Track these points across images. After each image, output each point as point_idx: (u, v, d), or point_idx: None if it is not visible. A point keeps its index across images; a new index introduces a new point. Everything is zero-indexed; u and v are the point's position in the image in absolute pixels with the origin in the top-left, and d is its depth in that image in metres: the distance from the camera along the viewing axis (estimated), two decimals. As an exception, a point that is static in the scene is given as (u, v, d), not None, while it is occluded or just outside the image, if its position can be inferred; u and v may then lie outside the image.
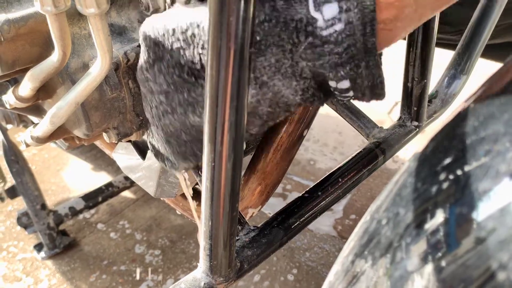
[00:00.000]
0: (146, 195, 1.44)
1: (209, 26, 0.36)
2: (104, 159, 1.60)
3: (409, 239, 0.27)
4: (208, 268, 0.52)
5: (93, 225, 1.36)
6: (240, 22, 0.35)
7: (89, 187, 1.42)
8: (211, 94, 0.39)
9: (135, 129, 0.64)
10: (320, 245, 1.28)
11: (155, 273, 1.21)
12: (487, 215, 0.24)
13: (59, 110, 0.53)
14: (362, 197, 1.42)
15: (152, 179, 0.69)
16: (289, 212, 0.63)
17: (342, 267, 0.33)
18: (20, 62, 0.54)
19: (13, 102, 0.58)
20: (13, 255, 1.27)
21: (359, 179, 0.71)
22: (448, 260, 0.26)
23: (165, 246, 1.28)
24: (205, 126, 0.42)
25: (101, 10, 0.44)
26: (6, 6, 0.51)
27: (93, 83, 0.51)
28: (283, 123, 0.66)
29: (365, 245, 0.31)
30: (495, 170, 0.25)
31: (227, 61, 0.37)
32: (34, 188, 1.20)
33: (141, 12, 0.60)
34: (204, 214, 0.48)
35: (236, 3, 0.34)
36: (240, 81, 0.38)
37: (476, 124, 0.27)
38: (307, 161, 1.56)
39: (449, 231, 0.26)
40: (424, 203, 0.28)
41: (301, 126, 0.66)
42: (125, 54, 0.56)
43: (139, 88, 0.60)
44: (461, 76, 0.82)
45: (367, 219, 0.32)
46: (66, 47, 0.49)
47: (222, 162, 0.43)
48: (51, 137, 0.61)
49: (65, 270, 1.23)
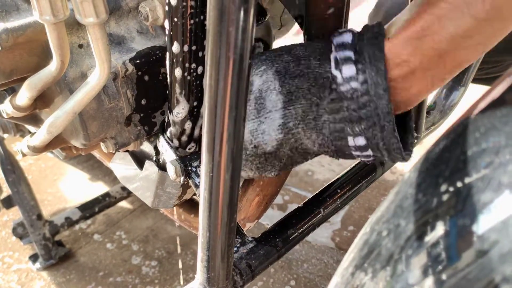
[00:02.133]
0: (143, 205, 1.43)
1: (208, 36, 0.36)
2: (101, 169, 1.60)
3: (410, 251, 0.27)
4: (205, 280, 0.52)
5: (90, 235, 1.35)
6: (240, 32, 0.35)
7: (86, 197, 1.41)
8: (209, 104, 0.39)
9: (132, 139, 0.63)
10: (318, 257, 1.27)
11: (152, 284, 1.20)
12: (488, 228, 0.24)
13: (57, 120, 0.53)
14: (360, 208, 1.41)
15: (149, 190, 0.69)
16: (287, 224, 0.63)
17: (342, 279, 0.32)
18: (18, 71, 0.53)
19: (10, 111, 0.58)
20: (8, 265, 1.26)
21: (358, 190, 0.71)
22: (449, 273, 0.25)
23: (162, 257, 1.27)
24: (203, 136, 0.41)
25: (100, 19, 0.44)
26: (4, 15, 0.51)
27: (91, 93, 0.50)
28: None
29: (366, 256, 0.30)
30: (496, 182, 0.24)
31: (226, 71, 0.37)
32: (30, 198, 1.19)
33: (140, 22, 0.60)
34: (202, 225, 0.48)
35: (236, 13, 0.34)
36: (239, 91, 0.38)
37: (477, 135, 0.27)
38: (304, 172, 1.56)
39: (450, 243, 0.26)
40: (425, 215, 0.28)
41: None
42: (123, 64, 0.56)
43: (137, 98, 0.60)
44: (459, 87, 0.82)
45: (367, 230, 0.32)
46: (64, 56, 0.49)
47: (220, 173, 0.43)
48: (48, 147, 0.61)
49: (61, 282, 1.21)
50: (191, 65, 0.52)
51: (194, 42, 0.50)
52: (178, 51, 0.51)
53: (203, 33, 0.50)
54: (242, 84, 0.38)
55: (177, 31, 0.49)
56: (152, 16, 0.55)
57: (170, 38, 0.50)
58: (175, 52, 0.51)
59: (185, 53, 0.51)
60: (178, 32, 0.49)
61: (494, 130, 0.26)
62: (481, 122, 0.27)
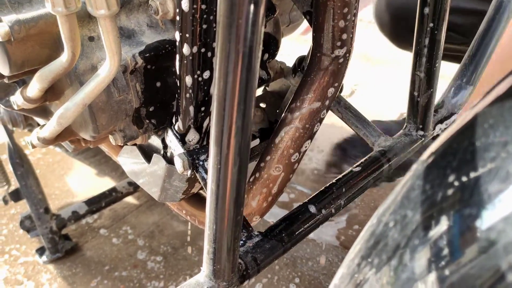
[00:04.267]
0: (149, 201, 1.44)
1: (218, 29, 0.36)
2: (108, 165, 1.60)
3: (416, 241, 0.27)
4: (211, 272, 0.52)
5: (96, 230, 1.36)
6: (250, 24, 0.35)
7: (93, 192, 1.42)
8: (218, 97, 0.39)
9: (141, 132, 0.64)
10: (323, 255, 1.27)
11: (157, 279, 1.21)
12: (495, 218, 0.24)
13: (67, 111, 0.53)
14: (366, 207, 1.41)
15: (156, 184, 0.69)
16: (293, 219, 0.63)
17: (347, 270, 0.32)
18: (29, 63, 0.54)
19: (21, 102, 0.58)
20: (15, 258, 1.27)
21: (364, 187, 0.71)
22: (452, 269, 0.25)
23: (167, 253, 1.28)
24: (212, 129, 0.42)
25: (111, 11, 0.44)
26: (17, 7, 0.51)
27: (101, 85, 0.51)
28: (288, 130, 0.66)
29: (372, 247, 0.30)
30: (504, 173, 0.24)
31: (235, 64, 0.37)
32: (38, 192, 1.20)
33: (150, 16, 0.60)
34: (209, 217, 0.48)
35: (246, 5, 0.34)
36: (248, 84, 0.38)
37: (486, 128, 0.27)
38: (311, 171, 1.56)
39: (453, 239, 0.26)
40: (431, 208, 0.28)
41: (306, 134, 0.66)
42: (133, 57, 0.57)
43: (146, 91, 0.61)
44: (467, 86, 0.82)
45: (373, 222, 0.32)
46: (75, 48, 0.49)
47: (228, 165, 0.43)
48: (57, 139, 0.61)
49: (67, 275, 1.22)
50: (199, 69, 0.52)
51: (204, 45, 0.51)
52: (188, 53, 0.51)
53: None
54: (252, 77, 0.38)
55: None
56: (162, 10, 0.55)
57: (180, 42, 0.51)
58: (186, 54, 0.51)
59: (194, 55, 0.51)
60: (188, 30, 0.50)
61: (502, 121, 0.26)
62: (490, 114, 0.27)
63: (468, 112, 0.30)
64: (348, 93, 1.94)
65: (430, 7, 0.67)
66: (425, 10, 0.68)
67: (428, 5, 0.68)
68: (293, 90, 0.79)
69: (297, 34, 1.07)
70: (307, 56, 0.74)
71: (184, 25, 0.50)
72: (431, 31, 0.69)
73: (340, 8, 0.57)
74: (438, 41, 0.70)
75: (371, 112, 0.46)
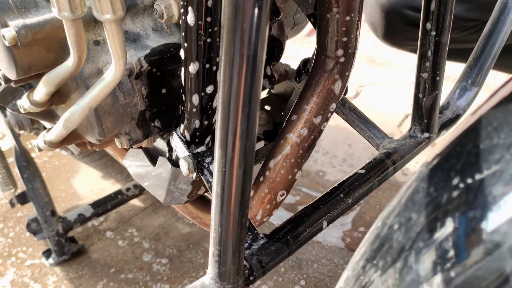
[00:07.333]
0: (154, 203, 1.45)
1: (223, 32, 0.36)
2: (114, 167, 1.61)
3: (421, 243, 0.27)
4: (216, 275, 0.52)
5: (102, 232, 1.36)
6: (254, 28, 0.35)
7: (99, 194, 1.42)
8: (223, 100, 0.39)
9: (146, 135, 0.64)
10: (328, 257, 1.27)
11: (162, 282, 1.21)
12: (500, 220, 0.24)
13: (73, 115, 0.54)
14: (371, 209, 1.41)
15: (161, 186, 0.69)
16: (299, 221, 0.63)
17: (352, 273, 0.33)
18: (36, 67, 0.55)
19: (27, 106, 0.59)
20: (21, 261, 1.28)
21: (369, 189, 0.71)
22: (458, 271, 0.25)
23: (173, 255, 1.28)
24: (217, 132, 0.42)
25: (117, 16, 0.45)
26: (23, 12, 0.52)
27: (106, 88, 0.51)
28: (294, 132, 0.66)
29: (377, 250, 0.30)
30: (507, 176, 0.24)
31: (240, 67, 0.37)
32: (44, 194, 1.21)
33: (155, 19, 0.60)
34: (214, 220, 0.48)
35: (250, 9, 0.34)
36: (252, 87, 0.39)
37: (490, 130, 0.27)
38: (316, 173, 1.56)
39: (459, 241, 0.26)
40: (436, 210, 0.28)
41: (311, 136, 0.66)
42: (138, 61, 0.57)
43: (151, 94, 0.61)
44: (473, 88, 0.81)
45: (378, 224, 0.32)
46: (81, 52, 0.49)
47: (233, 168, 0.43)
48: (63, 142, 0.62)
49: (73, 277, 1.23)
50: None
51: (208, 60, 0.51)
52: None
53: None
54: (256, 80, 0.38)
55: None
56: (167, 13, 0.56)
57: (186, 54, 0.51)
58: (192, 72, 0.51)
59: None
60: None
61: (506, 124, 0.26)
62: (494, 116, 0.27)
63: (472, 115, 0.30)
64: (352, 95, 1.94)
65: (435, 7, 0.67)
66: (430, 10, 0.68)
67: (432, 6, 0.68)
68: (297, 92, 0.79)
69: (301, 35, 1.07)
70: (312, 59, 0.74)
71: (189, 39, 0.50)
72: (435, 32, 0.69)
73: (344, 10, 0.57)
74: (443, 43, 0.70)
75: (375, 116, 0.46)
